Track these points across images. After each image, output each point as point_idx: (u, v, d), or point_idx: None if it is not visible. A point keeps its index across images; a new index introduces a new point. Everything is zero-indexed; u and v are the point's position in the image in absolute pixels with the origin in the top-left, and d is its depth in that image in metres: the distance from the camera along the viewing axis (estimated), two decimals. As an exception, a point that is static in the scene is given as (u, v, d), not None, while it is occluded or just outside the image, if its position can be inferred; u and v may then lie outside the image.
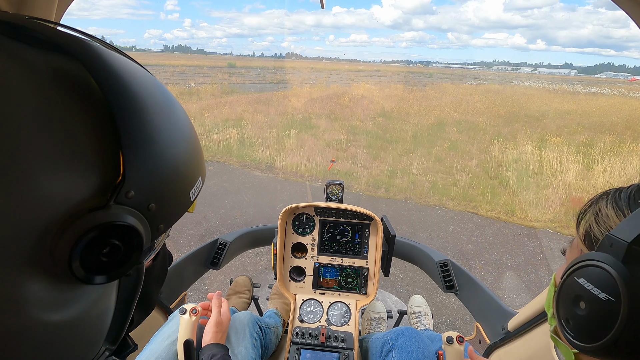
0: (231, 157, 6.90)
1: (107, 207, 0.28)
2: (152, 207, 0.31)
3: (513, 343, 1.20)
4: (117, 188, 0.29)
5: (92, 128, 0.28)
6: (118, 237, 0.29)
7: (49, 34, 0.29)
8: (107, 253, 0.29)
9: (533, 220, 4.68)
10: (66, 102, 0.27)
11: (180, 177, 0.36)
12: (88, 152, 0.28)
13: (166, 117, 0.35)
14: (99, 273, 0.29)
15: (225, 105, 12.20)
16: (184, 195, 0.37)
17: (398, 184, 5.85)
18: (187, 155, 0.37)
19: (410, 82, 31.34)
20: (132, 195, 0.29)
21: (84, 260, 0.27)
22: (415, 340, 1.02)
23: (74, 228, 0.26)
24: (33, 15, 0.68)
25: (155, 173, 0.32)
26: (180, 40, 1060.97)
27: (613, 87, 36.79)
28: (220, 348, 0.94)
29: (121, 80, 0.30)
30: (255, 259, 3.21)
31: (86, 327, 0.32)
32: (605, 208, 0.45)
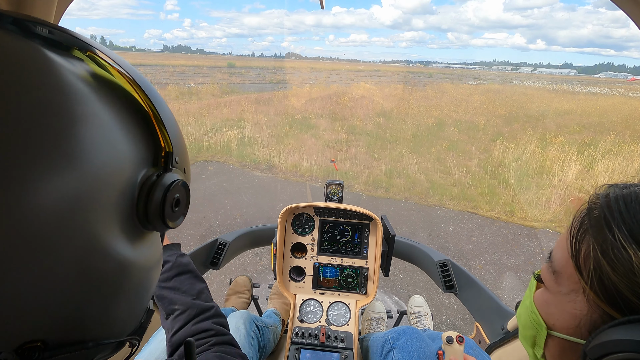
0: (231, 157, 6.90)
1: (169, 170, 0.37)
2: (185, 169, 0.42)
3: (513, 343, 1.20)
4: (170, 155, 0.38)
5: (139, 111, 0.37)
6: (178, 191, 0.38)
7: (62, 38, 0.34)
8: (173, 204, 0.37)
9: (533, 220, 4.68)
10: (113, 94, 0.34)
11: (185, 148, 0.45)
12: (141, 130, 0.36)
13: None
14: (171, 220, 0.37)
15: (225, 105, 12.20)
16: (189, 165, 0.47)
17: (398, 183, 5.85)
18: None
19: (410, 82, 31.35)
20: (178, 159, 0.39)
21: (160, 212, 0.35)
22: (416, 340, 1.02)
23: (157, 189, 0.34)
24: (32, 14, 0.68)
25: (182, 144, 0.42)
26: (180, 40, 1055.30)
27: (613, 87, 36.82)
28: (167, 250, 0.78)
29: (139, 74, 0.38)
30: (255, 259, 3.21)
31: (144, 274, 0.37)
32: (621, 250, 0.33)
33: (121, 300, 0.34)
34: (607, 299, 0.35)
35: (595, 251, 0.35)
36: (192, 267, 0.74)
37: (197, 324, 0.65)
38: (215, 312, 0.68)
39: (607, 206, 0.36)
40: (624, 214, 0.35)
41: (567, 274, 0.40)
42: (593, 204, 0.39)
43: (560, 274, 0.41)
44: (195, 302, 0.67)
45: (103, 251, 0.29)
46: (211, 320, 0.66)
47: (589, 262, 0.36)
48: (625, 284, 0.33)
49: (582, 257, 0.37)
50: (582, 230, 0.38)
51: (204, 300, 0.69)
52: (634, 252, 0.32)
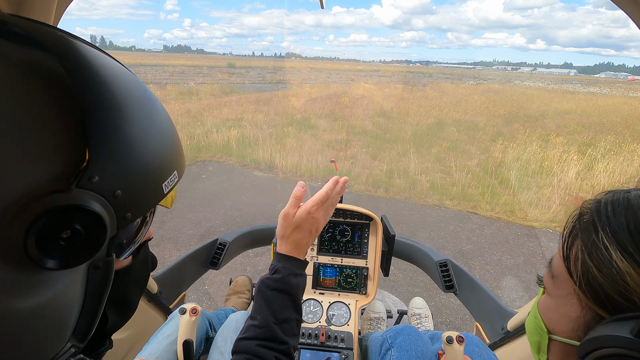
0: (231, 157, 6.90)
1: (69, 190, 0.28)
2: (117, 194, 0.31)
3: (513, 343, 1.20)
4: (80, 172, 0.29)
5: (58, 116, 0.29)
6: (79, 221, 0.28)
7: (26, 29, 0.31)
8: (67, 238, 0.28)
9: (533, 220, 4.68)
10: (32, 89, 0.29)
11: (152, 168, 0.36)
12: (51, 138, 0.28)
13: (141, 111, 0.36)
14: (56, 257, 0.28)
15: (224, 105, 12.20)
16: (155, 186, 0.37)
17: (397, 183, 5.85)
18: (161, 148, 0.38)
19: (410, 81, 31.35)
20: (96, 180, 0.29)
21: (41, 242, 0.27)
22: (415, 339, 1.02)
23: (32, 208, 0.26)
24: (32, 14, 0.68)
25: (122, 161, 0.32)
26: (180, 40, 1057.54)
27: (613, 87, 36.83)
28: (287, 262, 0.67)
29: (94, 73, 0.31)
30: (255, 259, 3.21)
31: (49, 318, 0.31)
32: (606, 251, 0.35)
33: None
34: (595, 300, 0.36)
35: (583, 254, 0.37)
36: (297, 292, 0.66)
37: (261, 348, 0.59)
38: (286, 349, 0.61)
39: (596, 210, 0.38)
40: (610, 218, 0.36)
41: (563, 278, 0.41)
42: (585, 209, 0.40)
43: (558, 278, 0.42)
44: (273, 327, 0.61)
45: None
46: (275, 354, 0.60)
47: (578, 265, 0.38)
48: (610, 285, 0.34)
49: (572, 259, 0.39)
50: (573, 234, 0.40)
51: (284, 332, 0.62)
52: (617, 254, 0.34)
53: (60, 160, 0.28)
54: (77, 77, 0.30)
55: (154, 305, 1.35)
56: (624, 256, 0.34)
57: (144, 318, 1.29)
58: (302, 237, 0.68)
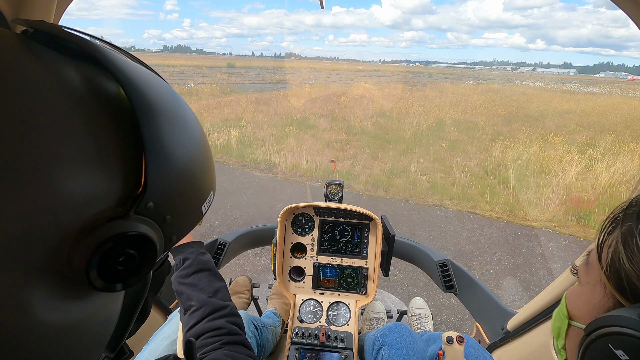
0: (230, 157, 6.90)
1: (127, 217, 0.28)
2: (167, 218, 0.32)
3: (513, 343, 1.20)
4: (137, 198, 0.29)
5: (119, 138, 0.29)
6: (135, 246, 0.29)
7: (80, 44, 0.30)
8: (122, 262, 0.29)
9: (532, 219, 4.69)
10: (96, 111, 0.28)
11: (195, 190, 0.37)
12: (113, 161, 0.28)
13: (183, 129, 0.36)
14: (114, 281, 0.29)
15: (224, 105, 12.20)
16: (197, 209, 0.38)
17: (397, 183, 5.85)
18: (201, 168, 0.38)
19: (410, 81, 31.35)
20: (151, 206, 0.30)
21: (101, 269, 0.27)
22: (405, 336, 1.02)
23: (94, 236, 0.26)
24: (32, 15, 0.68)
25: (173, 185, 0.33)
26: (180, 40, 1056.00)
27: (612, 87, 36.82)
28: (189, 247, 0.78)
29: (146, 92, 0.31)
30: (254, 259, 3.21)
31: (91, 333, 0.32)
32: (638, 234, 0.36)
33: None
34: (618, 287, 0.37)
35: (618, 241, 0.38)
36: (212, 266, 0.74)
37: (210, 322, 0.65)
38: (230, 311, 0.68)
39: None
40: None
41: (595, 265, 0.42)
42: (635, 201, 0.40)
43: (591, 265, 0.43)
44: (210, 300, 0.68)
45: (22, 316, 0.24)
46: (225, 319, 0.66)
47: (610, 251, 0.39)
48: (636, 273, 0.35)
49: (605, 246, 0.40)
50: (615, 223, 0.40)
51: (220, 299, 0.69)
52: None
53: (120, 185, 0.29)
54: (133, 96, 0.30)
55: (154, 306, 1.35)
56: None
57: (143, 318, 1.29)
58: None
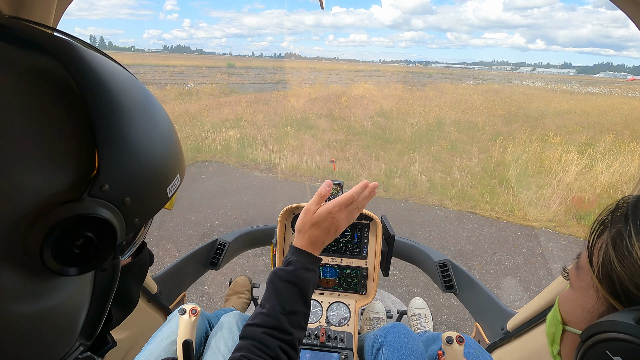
0: (230, 157, 6.89)
1: (81, 199, 0.28)
2: (127, 201, 0.32)
3: (512, 343, 1.20)
4: (91, 181, 0.29)
5: (68, 123, 0.29)
6: (91, 229, 0.29)
7: (29, 33, 0.30)
8: (80, 245, 0.29)
9: (532, 219, 4.69)
10: (42, 98, 0.28)
11: (157, 173, 0.37)
12: (62, 146, 0.28)
13: (144, 115, 0.36)
14: (72, 265, 0.29)
15: (224, 105, 12.19)
16: (160, 191, 0.38)
17: (397, 183, 5.85)
18: (165, 152, 0.38)
19: (410, 82, 31.36)
20: (106, 188, 0.30)
21: (56, 252, 0.27)
22: (404, 336, 1.02)
23: (46, 220, 0.27)
24: (32, 15, 0.68)
25: (130, 168, 0.32)
26: (180, 41, 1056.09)
27: (612, 87, 36.84)
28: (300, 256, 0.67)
29: (98, 78, 0.31)
30: (254, 259, 3.20)
31: (59, 320, 0.32)
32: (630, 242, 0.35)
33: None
34: (611, 291, 0.36)
35: (608, 244, 0.37)
36: (307, 286, 0.66)
37: (266, 336, 0.60)
38: (290, 340, 0.61)
39: (633, 204, 0.38)
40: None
41: (586, 269, 0.41)
42: (622, 203, 0.40)
43: (582, 269, 0.43)
44: (280, 317, 0.61)
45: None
46: (279, 343, 0.60)
47: (600, 254, 0.38)
48: (628, 276, 0.34)
49: (596, 249, 0.40)
50: (603, 225, 0.40)
51: (290, 323, 0.62)
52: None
53: (72, 169, 0.29)
54: (83, 83, 0.30)
55: (154, 306, 1.35)
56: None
57: (143, 318, 1.29)
58: (319, 235, 0.69)
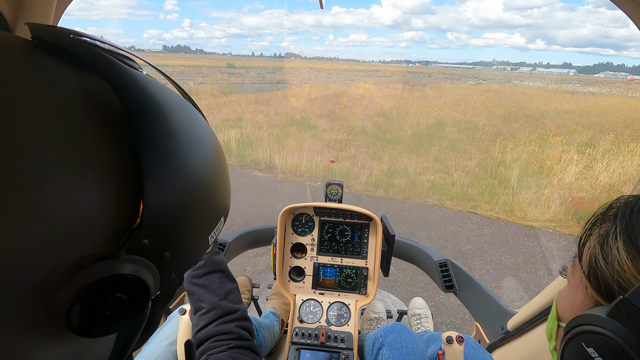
0: (230, 157, 6.90)
1: (117, 256, 0.24)
2: (165, 255, 0.28)
3: (512, 343, 1.20)
4: (131, 235, 0.25)
5: (113, 163, 0.25)
6: (124, 289, 0.25)
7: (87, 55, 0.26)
8: (110, 305, 0.25)
9: (532, 219, 4.69)
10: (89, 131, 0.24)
11: (202, 219, 0.32)
12: (106, 192, 0.24)
13: (198, 152, 0.31)
14: (98, 327, 0.25)
15: (224, 105, 12.20)
16: (202, 240, 0.33)
17: (397, 183, 5.85)
18: (213, 195, 0.33)
19: (410, 81, 31.36)
20: (146, 243, 0.25)
21: (84, 315, 0.23)
22: (405, 336, 1.02)
23: (79, 278, 0.23)
24: (32, 15, 0.68)
25: (175, 219, 0.28)
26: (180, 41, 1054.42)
27: (612, 87, 36.82)
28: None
29: (152, 111, 0.27)
30: (254, 259, 3.20)
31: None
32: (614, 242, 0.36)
33: None
34: (596, 288, 0.38)
35: (596, 242, 0.39)
36: (225, 267, 0.71)
37: (220, 325, 0.63)
38: (240, 315, 0.66)
39: (624, 205, 0.39)
40: (634, 212, 0.36)
41: (579, 266, 0.43)
42: (615, 203, 0.41)
43: (576, 266, 0.44)
44: (221, 303, 0.66)
45: None
46: (235, 324, 0.64)
47: (589, 253, 0.40)
48: (610, 274, 0.36)
49: (586, 248, 0.41)
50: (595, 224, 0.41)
51: (232, 302, 0.67)
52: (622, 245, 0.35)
53: (112, 220, 0.24)
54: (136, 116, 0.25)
55: None
56: (629, 248, 0.35)
57: (143, 318, 1.29)
58: None
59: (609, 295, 0.36)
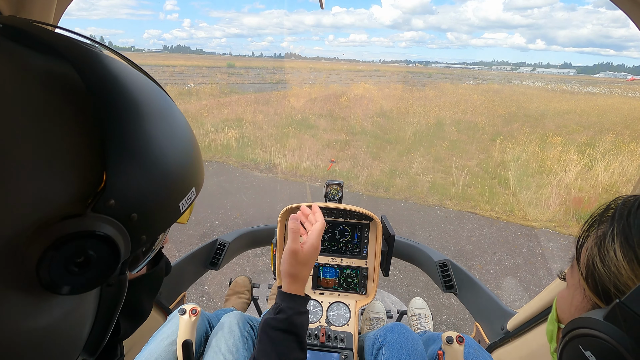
0: (230, 158, 6.89)
1: (84, 215, 0.26)
2: (133, 217, 0.30)
3: (512, 343, 1.20)
4: (97, 196, 0.27)
5: (77, 132, 0.27)
6: (93, 247, 0.27)
7: (44, 36, 0.29)
8: (80, 263, 0.27)
9: (532, 219, 4.69)
10: (51, 104, 0.27)
11: (170, 187, 0.34)
12: (69, 156, 0.26)
13: (162, 124, 0.34)
14: (69, 284, 0.27)
15: (224, 105, 12.19)
16: (172, 206, 0.35)
17: (397, 183, 5.85)
18: (181, 164, 0.36)
19: (410, 82, 31.36)
20: (112, 203, 0.28)
21: (53, 270, 0.25)
22: (405, 336, 1.02)
23: (46, 235, 0.25)
24: (32, 15, 0.68)
25: (140, 182, 0.30)
26: (180, 41, 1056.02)
27: (612, 87, 36.82)
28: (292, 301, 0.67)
29: (113, 85, 0.30)
30: (254, 259, 3.20)
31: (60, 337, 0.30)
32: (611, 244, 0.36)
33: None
34: (594, 290, 0.38)
35: (594, 244, 0.39)
36: (303, 332, 0.66)
37: None
38: None
39: (621, 206, 0.38)
40: (632, 214, 0.36)
41: (577, 268, 0.43)
42: (613, 204, 0.40)
43: (574, 267, 0.44)
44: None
45: None
46: None
47: (586, 254, 0.39)
48: (607, 276, 0.36)
49: (583, 249, 0.41)
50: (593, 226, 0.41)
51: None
52: (620, 246, 0.35)
53: (77, 181, 0.27)
54: (95, 89, 0.28)
55: (154, 306, 1.35)
56: (626, 250, 0.34)
57: (143, 318, 1.29)
58: (307, 273, 0.69)
59: (606, 297, 0.36)
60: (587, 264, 0.39)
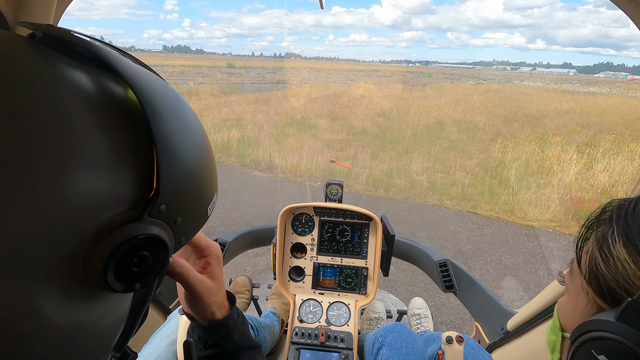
0: (230, 157, 6.90)
1: (142, 219, 0.29)
2: (178, 220, 0.33)
3: (512, 343, 1.21)
4: (151, 201, 0.30)
5: (132, 141, 0.30)
6: (148, 248, 0.30)
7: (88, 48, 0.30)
8: (136, 263, 0.30)
9: (532, 219, 4.69)
10: (109, 115, 0.29)
11: (202, 192, 0.37)
12: (128, 164, 0.29)
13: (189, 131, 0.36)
14: (131, 283, 0.30)
15: (224, 105, 12.19)
16: (203, 210, 0.39)
17: (397, 183, 5.85)
18: (207, 169, 0.39)
19: (410, 81, 31.34)
20: (163, 208, 0.31)
21: (117, 271, 0.28)
22: (405, 336, 1.02)
23: (110, 240, 0.27)
24: (32, 15, 0.68)
25: (183, 188, 0.33)
26: (180, 41, 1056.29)
27: (612, 87, 36.80)
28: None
29: (155, 95, 0.32)
30: (254, 259, 3.21)
31: (101, 334, 0.33)
32: (613, 245, 0.36)
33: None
34: (599, 292, 0.37)
35: (594, 246, 0.38)
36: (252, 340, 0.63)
37: None
38: None
39: (618, 207, 0.38)
40: (629, 214, 0.36)
41: (577, 272, 0.42)
42: (609, 206, 0.40)
43: (574, 272, 0.43)
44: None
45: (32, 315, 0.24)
46: None
47: (587, 257, 0.39)
48: (613, 277, 0.35)
49: (584, 252, 0.40)
50: (590, 229, 0.41)
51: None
52: (623, 247, 0.35)
53: (135, 189, 0.29)
54: (145, 102, 0.30)
55: (153, 305, 1.35)
56: (629, 249, 0.34)
57: (143, 318, 1.29)
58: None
59: (612, 298, 0.36)
60: (590, 266, 0.38)
